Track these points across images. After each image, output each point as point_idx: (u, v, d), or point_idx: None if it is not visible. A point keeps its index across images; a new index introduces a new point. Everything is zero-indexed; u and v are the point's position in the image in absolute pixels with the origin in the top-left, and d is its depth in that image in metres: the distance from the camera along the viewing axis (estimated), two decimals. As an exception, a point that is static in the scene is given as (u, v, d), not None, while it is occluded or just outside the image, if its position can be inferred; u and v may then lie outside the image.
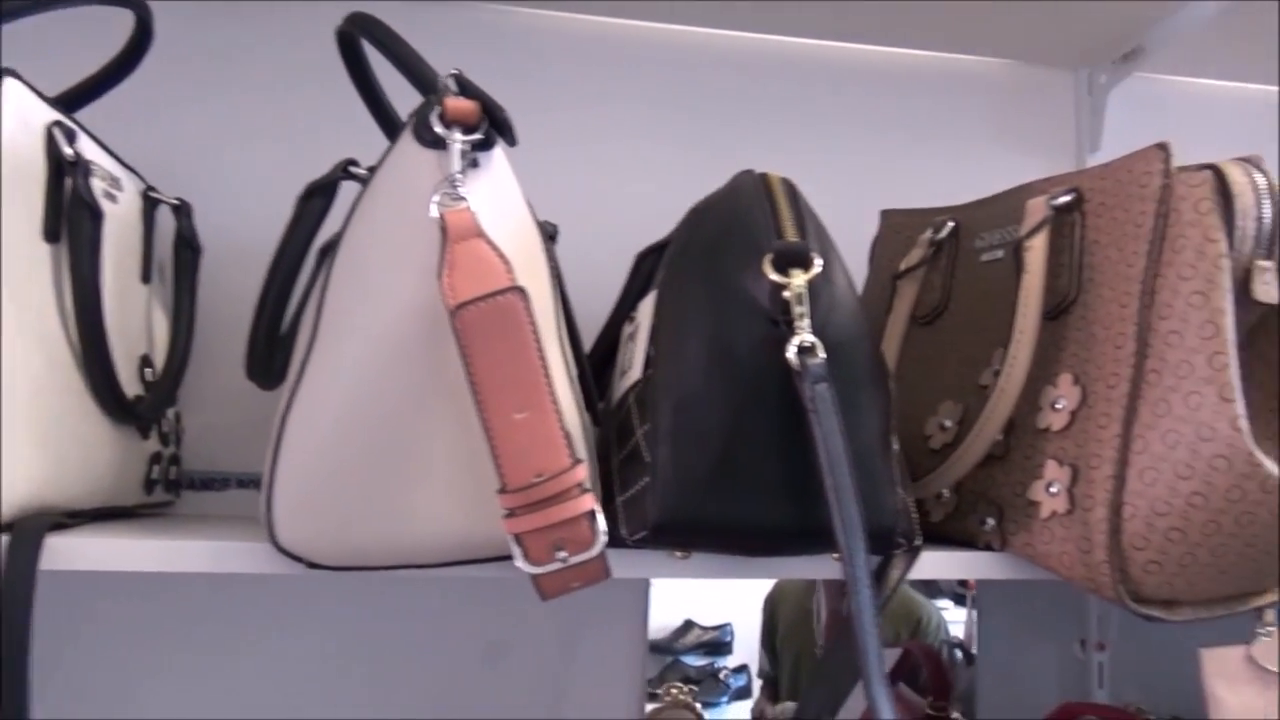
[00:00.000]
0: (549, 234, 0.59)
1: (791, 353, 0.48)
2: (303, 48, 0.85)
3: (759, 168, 0.57)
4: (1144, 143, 0.57)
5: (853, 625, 0.46)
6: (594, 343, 0.69)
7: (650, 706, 0.89)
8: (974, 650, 0.94)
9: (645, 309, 0.58)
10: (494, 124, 0.50)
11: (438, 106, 0.49)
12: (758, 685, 0.94)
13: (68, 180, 0.55)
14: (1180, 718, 0.87)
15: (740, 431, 0.50)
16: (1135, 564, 0.53)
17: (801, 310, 0.48)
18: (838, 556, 0.47)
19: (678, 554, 0.53)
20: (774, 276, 0.49)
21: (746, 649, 0.94)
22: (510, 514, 0.45)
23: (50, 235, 0.54)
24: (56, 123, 0.56)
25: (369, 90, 0.64)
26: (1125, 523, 0.53)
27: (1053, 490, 0.57)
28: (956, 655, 0.94)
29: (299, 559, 0.49)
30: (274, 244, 0.56)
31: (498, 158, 0.51)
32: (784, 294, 0.48)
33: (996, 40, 0.95)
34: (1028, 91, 0.99)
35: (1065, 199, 0.60)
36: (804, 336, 0.48)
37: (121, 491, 0.61)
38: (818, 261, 0.49)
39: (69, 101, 0.64)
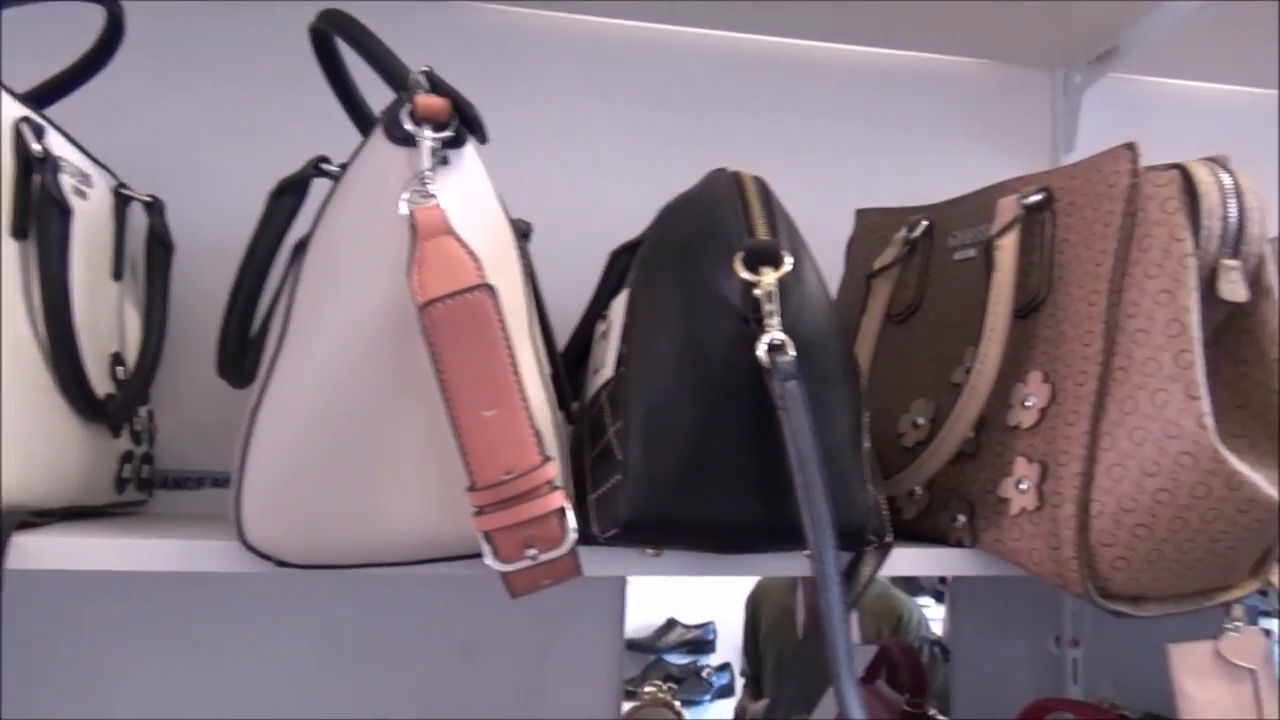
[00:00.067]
0: (522, 232, 0.59)
1: (762, 350, 0.48)
2: (276, 44, 0.84)
3: (735, 166, 0.57)
4: (1118, 143, 0.57)
5: (821, 622, 0.46)
6: (568, 341, 0.69)
7: (629, 705, 0.89)
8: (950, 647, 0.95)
9: (618, 307, 0.58)
10: (464, 121, 0.50)
11: (408, 104, 0.49)
12: (740, 683, 0.94)
13: (36, 177, 0.54)
14: (1154, 713, 0.88)
15: (711, 429, 0.50)
16: (1103, 560, 0.54)
17: (772, 308, 0.48)
18: (808, 553, 0.47)
19: (649, 551, 0.54)
20: (745, 274, 0.49)
21: (729, 647, 0.94)
22: (479, 511, 0.45)
23: (18, 232, 0.54)
24: (25, 119, 0.55)
25: (343, 87, 0.64)
26: (1093, 519, 0.54)
27: (1022, 487, 0.57)
28: (936, 653, 0.95)
29: (268, 557, 0.49)
30: (247, 241, 0.56)
31: (469, 155, 0.51)
32: (755, 292, 0.49)
33: (972, 40, 0.96)
34: (1003, 91, 0.99)
35: (1036, 198, 0.60)
36: (774, 334, 0.48)
37: (92, 490, 0.61)
38: (788, 260, 0.49)
39: (39, 98, 0.63)
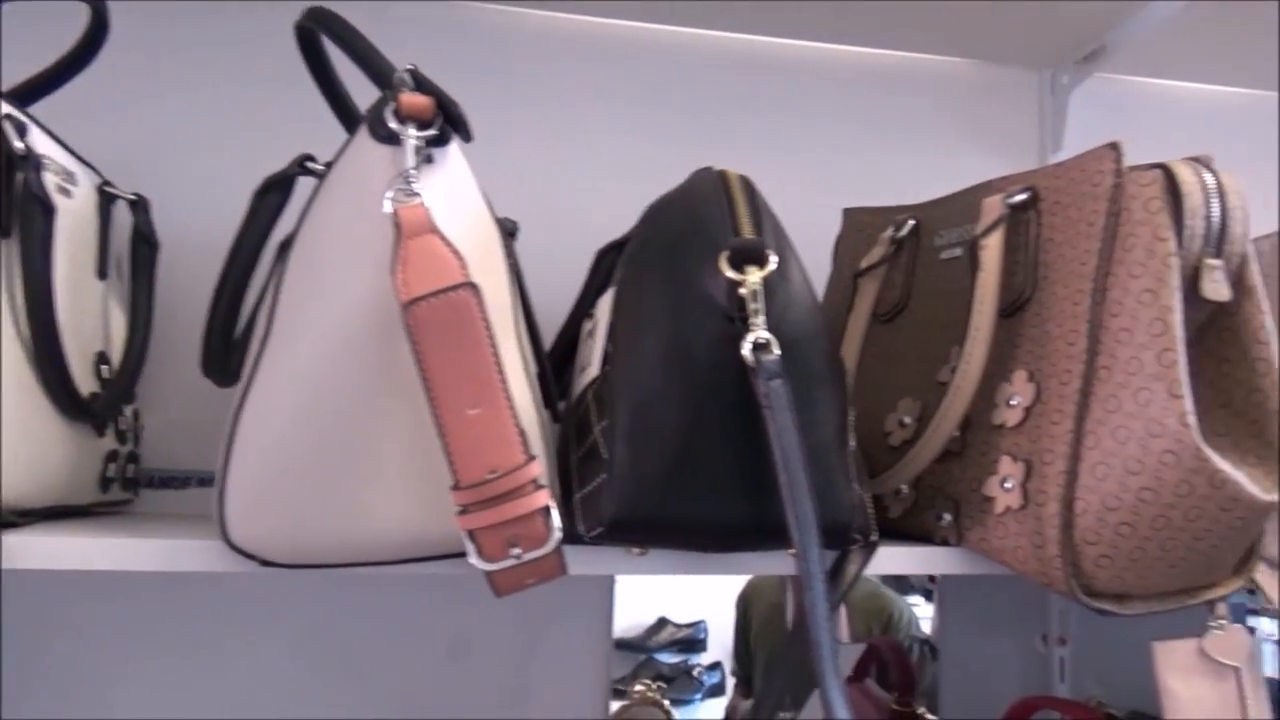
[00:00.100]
0: (509, 230, 0.59)
1: (746, 349, 0.48)
2: (262, 42, 0.84)
3: (722, 165, 0.57)
4: (1104, 142, 0.57)
5: (806, 620, 0.46)
6: (554, 340, 0.69)
7: (618, 704, 0.89)
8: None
9: (604, 306, 0.58)
10: (449, 120, 0.50)
11: (392, 102, 0.49)
12: (731, 683, 0.94)
13: (18, 174, 0.54)
14: (1140, 711, 0.88)
15: (696, 428, 0.50)
16: (1087, 558, 0.54)
17: (756, 307, 0.48)
18: (793, 552, 0.47)
19: (635, 550, 0.54)
20: (730, 273, 0.49)
21: (721, 647, 0.94)
22: (463, 510, 0.45)
23: (1, 230, 0.54)
24: (7, 116, 0.55)
25: (329, 85, 0.64)
26: (1077, 518, 0.54)
27: (1007, 486, 0.57)
28: (925, 651, 0.95)
29: (252, 557, 0.49)
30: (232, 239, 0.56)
31: (454, 154, 0.51)
32: (739, 291, 0.49)
33: (960, 40, 0.96)
34: (992, 91, 0.99)
35: (1021, 197, 0.60)
36: (759, 333, 0.48)
37: (76, 490, 0.61)
38: (773, 259, 0.49)
39: (22, 95, 0.63)
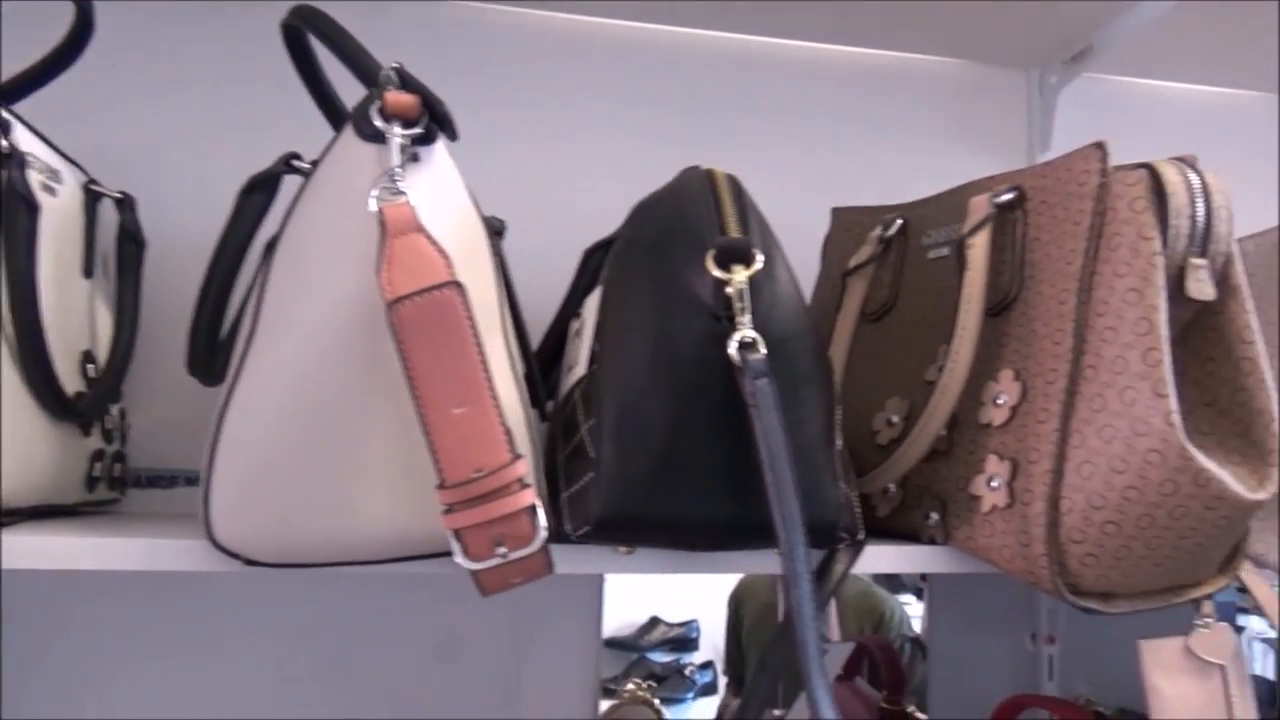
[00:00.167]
0: (495, 229, 0.59)
1: (733, 348, 0.48)
2: (248, 41, 0.84)
3: (710, 164, 0.57)
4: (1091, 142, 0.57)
5: (792, 619, 0.46)
6: (542, 339, 0.69)
7: (608, 703, 0.89)
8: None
9: (591, 305, 0.58)
10: (434, 118, 0.50)
11: (378, 100, 0.49)
12: (723, 682, 0.94)
13: (2, 172, 0.54)
14: (1128, 709, 0.89)
15: (683, 427, 0.50)
16: (1073, 557, 0.54)
17: (743, 306, 0.48)
18: (780, 551, 0.47)
19: (622, 549, 0.54)
20: (716, 272, 0.49)
21: (713, 646, 0.94)
22: (449, 509, 0.44)
23: (-17, 228, 0.53)
24: (-9, 114, 0.55)
25: (315, 83, 0.63)
26: (1063, 516, 0.54)
27: (993, 485, 0.57)
28: (915, 650, 0.95)
29: (237, 556, 0.49)
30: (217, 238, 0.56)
31: (439, 152, 0.51)
32: (726, 290, 0.49)
33: (949, 40, 0.96)
34: (980, 91, 1.00)
35: (1007, 197, 0.60)
36: (745, 332, 0.48)
37: (61, 489, 0.60)
38: (759, 257, 0.49)
39: (7, 93, 0.63)
